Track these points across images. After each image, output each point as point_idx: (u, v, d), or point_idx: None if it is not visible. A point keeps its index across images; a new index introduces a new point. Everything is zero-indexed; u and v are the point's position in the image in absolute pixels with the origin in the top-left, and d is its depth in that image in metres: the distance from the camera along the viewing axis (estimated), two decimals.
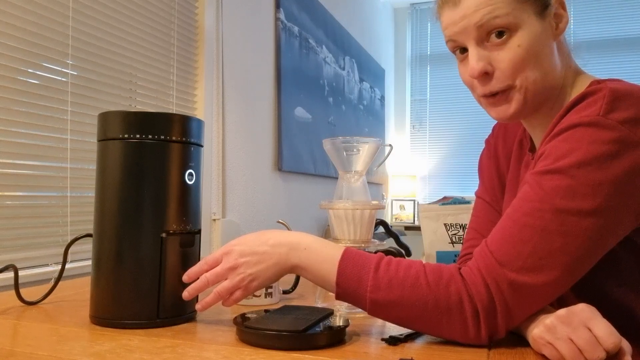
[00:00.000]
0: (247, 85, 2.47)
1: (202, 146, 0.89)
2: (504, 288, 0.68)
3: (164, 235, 0.82)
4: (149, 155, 0.82)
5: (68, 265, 1.37)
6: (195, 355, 0.68)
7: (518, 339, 0.73)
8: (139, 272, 0.81)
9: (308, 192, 3.11)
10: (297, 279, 1.10)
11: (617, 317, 0.68)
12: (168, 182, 0.83)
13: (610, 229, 0.69)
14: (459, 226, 1.35)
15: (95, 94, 1.66)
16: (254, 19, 2.54)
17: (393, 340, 0.73)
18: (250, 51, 2.50)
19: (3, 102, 1.37)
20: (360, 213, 0.93)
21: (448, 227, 1.36)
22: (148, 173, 0.82)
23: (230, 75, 2.33)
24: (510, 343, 0.72)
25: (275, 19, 2.72)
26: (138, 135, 0.81)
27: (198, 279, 0.81)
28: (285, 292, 1.08)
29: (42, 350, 0.69)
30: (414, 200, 4.91)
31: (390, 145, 1.06)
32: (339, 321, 0.78)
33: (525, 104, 0.79)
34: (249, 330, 0.72)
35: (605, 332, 0.62)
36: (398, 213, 4.91)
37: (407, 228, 4.64)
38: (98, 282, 0.83)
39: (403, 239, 1.13)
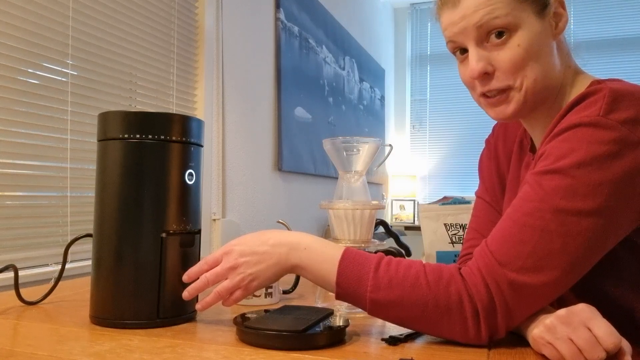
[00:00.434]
0: (247, 85, 2.47)
1: (202, 146, 0.89)
2: (504, 288, 0.68)
3: (164, 235, 0.82)
4: (149, 155, 0.82)
5: (68, 265, 1.37)
6: (195, 355, 0.68)
7: (518, 339, 0.72)
8: (139, 272, 0.81)
9: (308, 192, 3.11)
10: (297, 279, 1.10)
11: (617, 317, 0.68)
12: (168, 182, 0.83)
13: (611, 229, 0.69)
14: (459, 226, 1.35)
15: (95, 94, 1.66)
16: (254, 19, 2.54)
17: (393, 340, 0.73)
18: (250, 51, 2.50)
19: (3, 102, 1.37)
20: (360, 213, 0.93)
21: (448, 227, 1.36)
22: (148, 173, 0.82)
23: (230, 75, 2.33)
24: (510, 343, 0.72)
25: (275, 19, 2.72)
26: (138, 135, 0.81)
27: (198, 278, 0.81)
28: (285, 292, 1.08)
29: (42, 350, 0.69)
30: (414, 200, 4.91)
31: (390, 145, 1.06)
32: (339, 321, 0.78)
33: (525, 103, 0.79)
34: (249, 330, 0.72)
35: (605, 332, 0.62)
36: (398, 213, 4.91)
37: (407, 228, 4.64)
38: (98, 282, 0.83)
39: (403, 239, 1.13)
